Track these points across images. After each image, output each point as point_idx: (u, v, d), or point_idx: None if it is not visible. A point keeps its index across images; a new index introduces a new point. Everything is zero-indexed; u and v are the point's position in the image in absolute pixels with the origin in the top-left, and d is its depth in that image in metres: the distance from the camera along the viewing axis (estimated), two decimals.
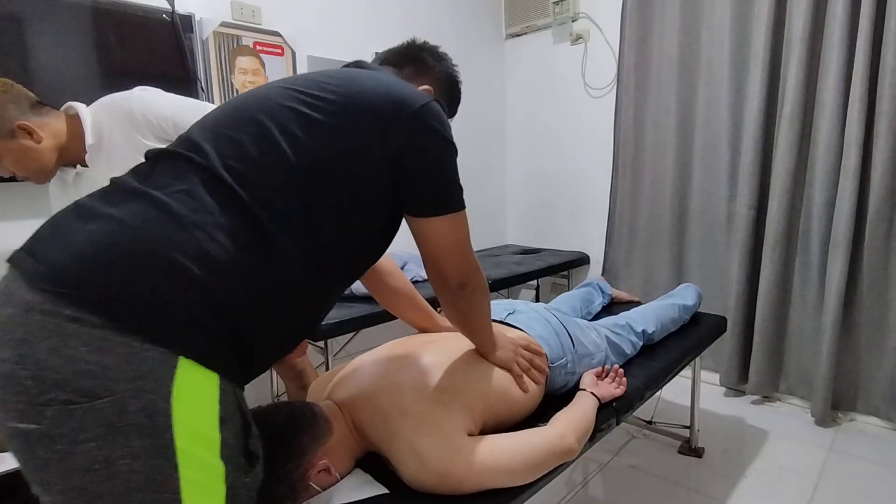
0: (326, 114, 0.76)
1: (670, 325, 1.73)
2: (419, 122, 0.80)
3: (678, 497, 1.71)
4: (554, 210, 3.16)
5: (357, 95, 0.79)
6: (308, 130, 0.75)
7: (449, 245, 0.89)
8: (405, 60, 1.01)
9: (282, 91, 0.79)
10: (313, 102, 0.77)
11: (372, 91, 0.80)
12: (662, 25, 2.49)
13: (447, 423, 0.92)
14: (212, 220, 0.67)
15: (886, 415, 2.04)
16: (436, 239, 0.88)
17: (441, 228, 0.87)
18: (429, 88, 0.99)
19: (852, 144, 1.93)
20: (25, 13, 1.56)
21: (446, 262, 0.91)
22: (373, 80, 0.82)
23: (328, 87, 0.79)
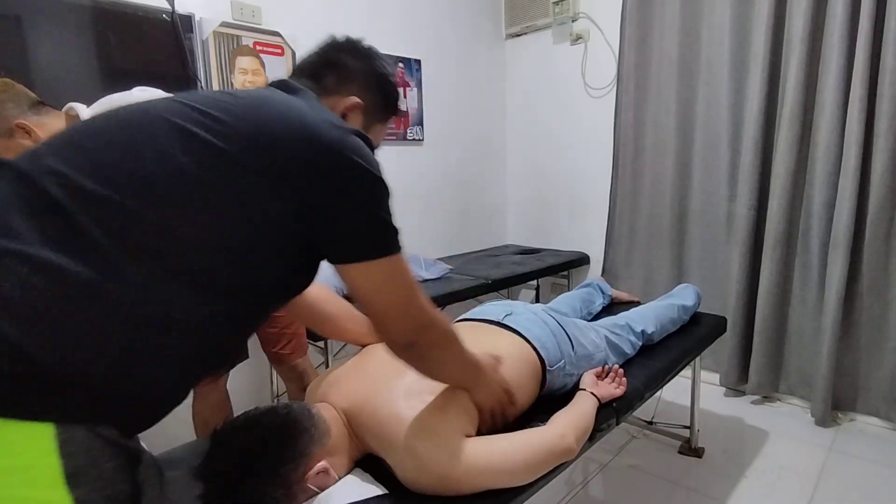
0: (220, 138, 0.64)
1: (670, 326, 1.73)
2: (333, 159, 0.68)
3: (678, 497, 1.71)
4: (554, 210, 3.16)
5: (261, 125, 0.66)
6: (191, 150, 0.63)
7: (385, 296, 0.76)
8: (323, 68, 0.86)
9: (169, 103, 0.67)
10: (205, 122, 0.64)
11: (280, 121, 0.67)
12: (662, 25, 2.48)
13: (444, 425, 0.92)
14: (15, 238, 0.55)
15: (886, 415, 2.03)
16: (367, 289, 0.75)
17: (371, 276, 0.74)
18: (356, 101, 0.85)
19: (852, 144, 1.93)
20: (25, 13, 1.56)
21: (386, 318, 0.78)
22: (283, 106, 0.70)
23: (230, 109, 0.66)
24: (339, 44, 0.89)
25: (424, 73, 2.79)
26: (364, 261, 0.73)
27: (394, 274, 0.76)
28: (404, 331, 0.80)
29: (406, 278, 0.77)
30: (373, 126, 0.90)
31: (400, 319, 0.79)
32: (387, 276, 0.75)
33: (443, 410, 0.94)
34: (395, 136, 2.69)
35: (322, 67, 0.86)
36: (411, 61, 2.72)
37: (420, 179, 2.86)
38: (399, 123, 2.70)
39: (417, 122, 2.79)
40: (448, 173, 3.01)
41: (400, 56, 2.66)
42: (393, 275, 0.75)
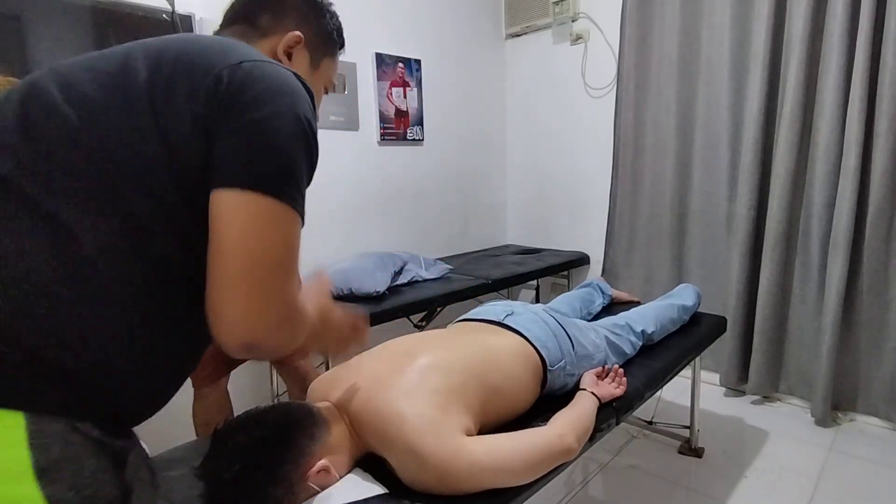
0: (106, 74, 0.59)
1: (670, 326, 1.73)
2: (243, 75, 0.60)
3: (678, 497, 1.71)
4: (554, 210, 3.16)
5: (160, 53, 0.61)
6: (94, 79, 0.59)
7: (243, 250, 0.56)
8: (255, 8, 0.78)
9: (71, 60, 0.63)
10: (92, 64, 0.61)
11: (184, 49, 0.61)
12: (662, 25, 2.49)
13: (445, 424, 0.92)
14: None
15: (886, 415, 2.04)
16: (225, 232, 0.56)
17: (237, 213, 0.56)
18: (297, 35, 0.78)
19: (852, 144, 1.93)
20: (25, 13, 1.56)
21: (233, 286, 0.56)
22: (186, 40, 0.64)
23: (121, 50, 0.62)
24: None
25: (424, 73, 2.79)
26: (236, 188, 0.56)
27: (268, 224, 0.58)
28: (251, 323, 0.57)
29: (285, 243, 0.59)
30: (322, 61, 0.84)
31: (254, 299, 0.57)
32: (257, 222, 0.57)
33: (444, 409, 0.94)
34: (395, 136, 2.69)
35: (254, 7, 0.79)
36: (411, 61, 2.72)
37: (420, 179, 2.86)
38: (399, 123, 2.70)
39: (417, 122, 2.79)
40: (448, 173, 3.01)
41: (400, 56, 2.66)
42: (266, 224, 0.57)
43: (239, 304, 0.56)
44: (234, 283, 0.56)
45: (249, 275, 0.56)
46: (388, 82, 2.62)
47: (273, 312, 0.59)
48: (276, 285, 0.58)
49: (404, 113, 2.72)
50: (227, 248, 0.56)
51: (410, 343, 1.14)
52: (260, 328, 0.58)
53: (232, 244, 0.56)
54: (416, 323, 2.33)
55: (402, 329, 1.27)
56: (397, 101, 2.67)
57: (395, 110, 2.67)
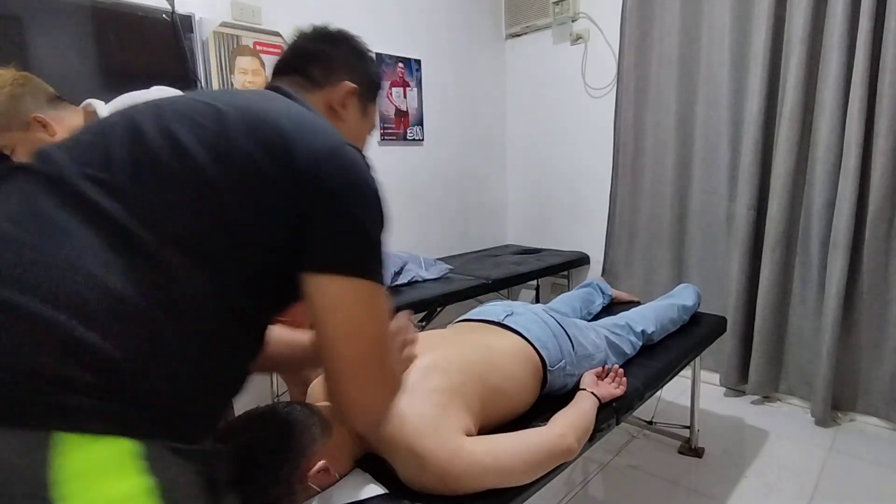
0: (220, 126, 0.61)
1: (670, 326, 1.73)
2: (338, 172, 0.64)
3: (678, 497, 1.71)
4: (554, 210, 3.16)
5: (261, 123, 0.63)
6: (201, 140, 0.60)
7: (350, 329, 0.63)
8: (306, 63, 0.83)
9: (177, 98, 0.66)
10: (207, 112, 0.62)
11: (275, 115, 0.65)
12: (662, 25, 2.49)
13: (445, 424, 0.92)
14: (78, 245, 0.52)
15: (886, 415, 2.04)
16: (328, 313, 0.62)
17: (339, 298, 0.62)
18: (350, 87, 0.83)
19: (852, 144, 1.93)
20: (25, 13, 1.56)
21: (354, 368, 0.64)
22: (288, 110, 0.67)
23: (230, 103, 0.64)
24: (311, 34, 0.88)
25: (424, 73, 2.79)
26: (336, 273, 0.62)
27: (373, 307, 0.64)
28: (374, 405, 0.66)
29: (385, 323, 0.66)
30: (368, 107, 0.89)
31: (371, 385, 0.65)
32: (366, 308, 0.63)
33: (444, 409, 0.94)
34: (395, 136, 2.69)
35: (304, 62, 0.83)
36: (411, 61, 2.72)
37: (420, 179, 2.86)
38: (399, 123, 2.70)
39: (417, 122, 2.79)
40: (448, 173, 3.01)
41: (400, 56, 2.66)
42: (372, 307, 0.64)
43: (369, 390, 0.65)
44: (360, 370, 0.64)
45: (370, 360, 0.64)
46: (388, 82, 2.62)
47: (392, 387, 0.70)
48: (388, 360, 0.67)
49: (404, 113, 2.72)
50: (341, 336, 0.63)
51: None
52: (387, 404, 0.68)
53: (347, 333, 0.63)
54: (416, 323, 2.33)
55: None
56: (397, 101, 2.67)
57: (395, 110, 2.67)
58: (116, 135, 0.60)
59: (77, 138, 0.62)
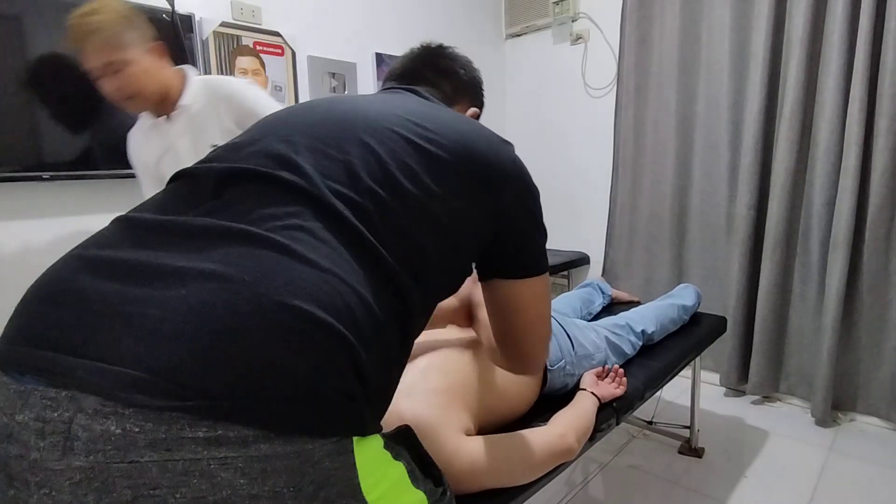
0: (445, 151, 0.64)
1: (670, 326, 1.73)
2: (516, 177, 0.72)
3: (678, 497, 1.71)
4: (554, 210, 3.15)
5: (462, 139, 0.67)
6: (428, 168, 0.62)
7: (533, 313, 0.77)
8: (437, 77, 0.85)
9: (387, 112, 0.66)
10: (429, 136, 0.64)
11: (474, 137, 0.69)
12: (662, 25, 2.49)
13: (445, 424, 0.92)
14: (347, 267, 0.52)
15: (886, 415, 2.04)
16: (528, 305, 0.76)
17: (530, 293, 0.75)
18: (476, 112, 0.89)
19: (852, 144, 1.93)
20: (25, 13, 1.56)
21: (529, 335, 0.78)
22: (465, 123, 0.71)
23: (434, 121, 0.67)
24: (441, 52, 0.87)
25: None
26: (530, 277, 0.74)
27: (545, 292, 0.78)
28: (541, 359, 0.82)
29: (549, 297, 0.80)
30: None
31: (542, 347, 0.81)
32: (541, 294, 0.77)
33: (443, 409, 0.94)
34: None
35: (436, 76, 0.85)
36: None
37: None
38: None
39: None
40: None
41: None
42: (545, 292, 0.78)
43: (542, 353, 0.81)
44: (541, 340, 0.80)
45: (546, 332, 0.80)
46: None
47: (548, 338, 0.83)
48: (548, 322, 0.81)
49: None
50: (534, 319, 0.77)
51: None
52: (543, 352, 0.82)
53: (537, 316, 0.77)
54: None
55: None
56: None
57: None
58: (354, 153, 0.60)
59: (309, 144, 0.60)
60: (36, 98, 1.56)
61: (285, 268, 0.48)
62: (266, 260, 0.47)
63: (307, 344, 0.46)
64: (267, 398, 0.42)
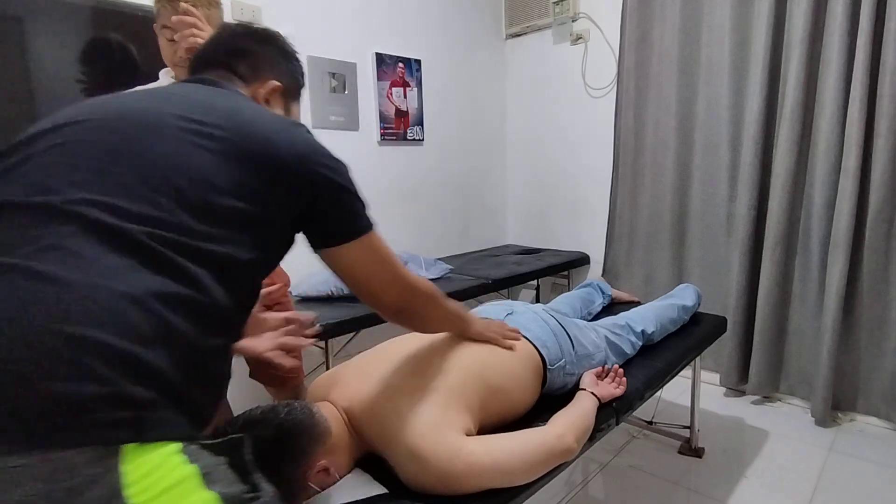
0: (225, 142, 0.66)
1: (670, 326, 1.73)
2: (310, 152, 0.73)
3: (678, 497, 1.71)
4: (554, 210, 3.16)
5: (244, 126, 0.69)
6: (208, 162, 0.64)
7: (372, 271, 0.82)
8: (233, 58, 0.84)
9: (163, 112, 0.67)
10: (207, 130, 0.66)
11: (258, 123, 0.70)
12: (662, 25, 2.49)
13: (444, 423, 0.92)
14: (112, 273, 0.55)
15: (886, 415, 2.04)
16: (357, 267, 0.81)
17: (359, 255, 0.80)
18: (276, 85, 0.86)
19: (852, 144, 1.93)
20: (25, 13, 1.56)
21: (376, 290, 0.85)
22: (248, 111, 0.72)
23: (213, 112, 0.68)
24: (239, 31, 0.88)
25: (424, 73, 2.79)
26: (351, 241, 0.78)
27: (377, 248, 0.81)
28: (394, 300, 0.87)
29: (387, 250, 0.83)
30: (292, 105, 0.91)
31: (389, 288, 0.85)
32: (372, 252, 0.81)
33: (443, 408, 0.94)
34: (395, 136, 2.69)
35: (231, 57, 0.84)
36: (411, 61, 2.72)
37: (420, 179, 2.86)
38: (399, 123, 2.70)
39: (417, 122, 2.79)
40: (448, 173, 3.01)
41: (400, 56, 2.66)
42: (377, 249, 0.82)
43: (387, 292, 0.86)
44: (378, 285, 0.85)
45: (383, 278, 0.84)
46: (388, 82, 2.62)
47: (403, 286, 0.87)
48: (396, 271, 0.85)
49: (404, 113, 2.72)
50: (365, 274, 0.83)
51: (410, 343, 1.14)
52: (401, 298, 0.88)
53: (374, 271, 0.83)
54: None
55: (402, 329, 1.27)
56: (397, 101, 2.67)
57: (395, 110, 2.67)
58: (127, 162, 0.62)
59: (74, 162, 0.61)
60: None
61: (40, 295, 0.51)
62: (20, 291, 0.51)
63: (61, 361, 0.49)
64: (19, 415, 0.47)
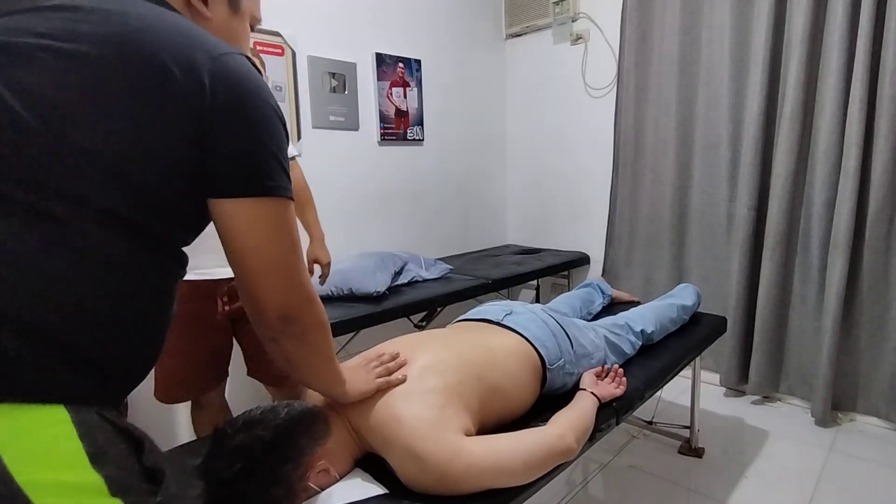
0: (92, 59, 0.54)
1: (669, 326, 1.73)
2: (220, 75, 0.59)
3: (678, 497, 1.71)
4: (554, 210, 3.16)
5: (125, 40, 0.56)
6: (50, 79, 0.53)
7: (264, 247, 0.65)
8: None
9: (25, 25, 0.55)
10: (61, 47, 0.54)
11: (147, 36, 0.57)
12: (662, 25, 2.49)
13: (444, 424, 0.92)
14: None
15: (886, 415, 2.03)
16: (244, 235, 0.64)
17: (247, 217, 0.63)
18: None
19: (852, 144, 1.93)
20: None
21: (262, 277, 0.66)
22: (145, 20, 0.59)
23: (80, 28, 0.55)
24: None
25: (424, 73, 2.79)
26: (245, 196, 0.62)
27: (278, 223, 0.65)
28: (281, 298, 0.68)
29: (292, 234, 0.67)
30: (240, 5, 0.76)
31: (278, 281, 0.67)
32: (269, 223, 0.64)
33: (442, 409, 0.94)
34: (395, 136, 2.69)
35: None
36: (411, 61, 2.72)
37: (420, 179, 2.86)
38: (399, 123, 2.70)
39: (417, 122, 2.79)
40: (448, 173, 3.01)
41: (400, 56, 2.66)
42: (277, 224, 0.65)
43: (274, 285, 0.67)
44: (266, 271, 0.66)
45: (275, 265, 0.66)
46: (388, 82, 2.62)
47: (298, 288, 0.69)
48: (295, 265, 0.68)
49: (404, 113, 2.72)
50: (253, 248, 0.65)
51: (410, 343, 1.14)
52: (291, 302, 0.69)
53: (264, 249, 0.65)
54: (416, 323, 2.33)
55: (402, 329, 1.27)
56: (397, 101, 2.68)
57: (395, 110, 2.67)
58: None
59: None
60: None
61: None
62: None
63: None
64: None
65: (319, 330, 0.76)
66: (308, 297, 0.71)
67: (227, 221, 0.63)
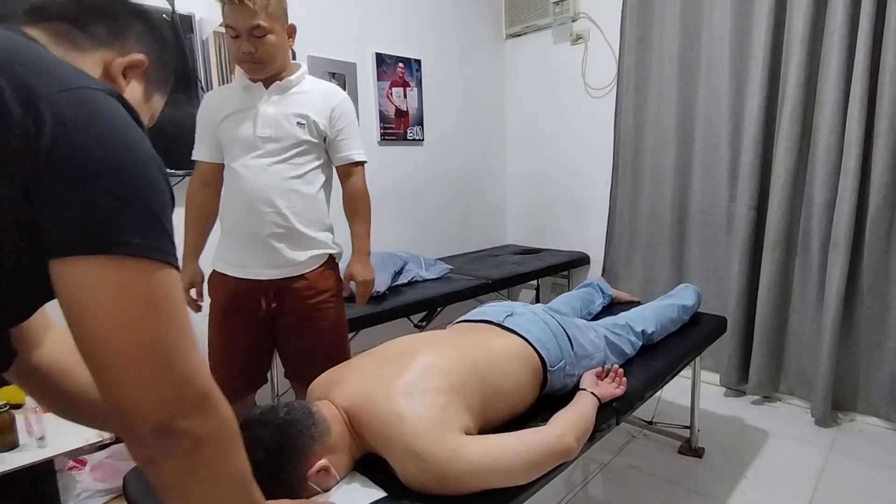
0: None
1: (670, 326, 1.73)
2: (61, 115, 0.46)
3: (678, 497, 1.71)
4: (554, 210, 3.16)
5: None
6: None
7: (112, 326, 0.46)
8: (87, 15, 0.60)
9: None
10: None
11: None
12: (662, 25, 2.49)
13: (444, 424, 0.92)
14: None
15: (886, 415, 2.04)
16: (82, 309, 0.46)
17: (88, 282, 0.46)
18: (140, 58, 0.63)
19: (852, 144, 1.93)
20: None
21: (117, 371, 0.47)
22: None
23: None
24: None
25: (424, 73, 2.79)
26: (82, 255, 0.45)
27: (139, 293, 0.47)
28: (154, 400, 0.47)
29: (167, 309, 0.49)
30: (154, 95, 0.70)
31: (146, 377, 0.47)
32: (124, 293, 0.46)
33: (443, 409, 0.94)
34: (395, 136, 2.69)
35: (85, 13, 0.60)
36: (411, 61, 2.72)
37: (420, 179, 2.86)
38: (399, 123, 2.70)
39: (417, 122, 2.79)
40: (448, 173, 3.01)
41: (400, 56, 2.66)
42: (137, 294, 0.47)
43: (142, 383, 0.47)
44: (133, 369, 0.47)
45: (140, 353, 0.47)
46: (388, 82, 2.62)
47: (181, 384, 0.49)
48: (173, 352, 0.49)
49: (404, 113, 2.72)
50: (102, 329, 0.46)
51: (410, 343, 1.14)
52: (170, 406, 0.48)
53: (109, 326, 0.46)
54: (416, 323, 2.33)
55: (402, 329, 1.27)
56: (397, 101, 2.67)
57: (395, 110, 2.67)
58: None
59: None
60: None
61: None
62: None
63: None
64: None
65: (220, 443, 0.52)
66: (199, 395, 0.50)
67: (64, 291, 0.46)
